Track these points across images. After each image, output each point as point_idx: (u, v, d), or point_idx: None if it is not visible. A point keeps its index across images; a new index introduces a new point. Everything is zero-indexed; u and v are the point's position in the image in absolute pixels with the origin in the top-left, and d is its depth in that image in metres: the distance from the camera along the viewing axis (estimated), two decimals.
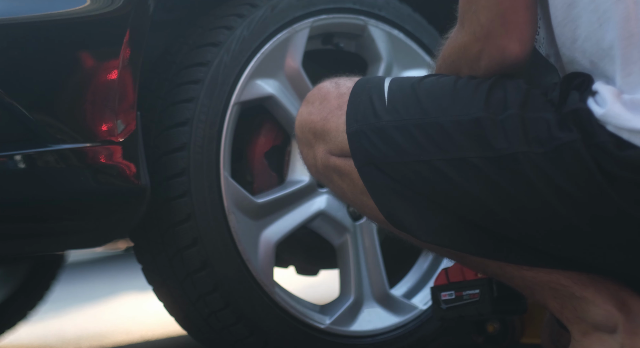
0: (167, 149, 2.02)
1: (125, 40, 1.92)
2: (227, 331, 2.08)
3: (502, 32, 1.57)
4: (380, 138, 1.61)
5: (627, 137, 1.45)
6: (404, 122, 1.60)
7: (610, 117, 1.46)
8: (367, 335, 2.21)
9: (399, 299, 2.28)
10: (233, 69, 2.07)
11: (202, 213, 2.01)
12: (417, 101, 1.61)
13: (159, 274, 2.08)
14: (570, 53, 1.56)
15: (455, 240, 1.62)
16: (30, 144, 1.85)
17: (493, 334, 2.52)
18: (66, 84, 1.88)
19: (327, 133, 1.69)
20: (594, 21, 1.51)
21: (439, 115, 1.58)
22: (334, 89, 1.72)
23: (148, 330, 3.75)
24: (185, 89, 2.04)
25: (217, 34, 2.08)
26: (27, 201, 1.88)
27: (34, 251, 2.20)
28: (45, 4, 1.90)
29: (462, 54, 1.63)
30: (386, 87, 1.66)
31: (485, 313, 1.78)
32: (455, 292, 1.80)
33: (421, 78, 1.67)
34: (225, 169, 2.05)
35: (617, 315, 1.56)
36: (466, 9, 1.60)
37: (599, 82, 1.52)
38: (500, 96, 1.56)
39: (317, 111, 1.71)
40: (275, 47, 2.13)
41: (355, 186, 1.66)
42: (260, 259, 2.08)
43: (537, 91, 1.56)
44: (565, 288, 1.59)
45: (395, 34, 2.29)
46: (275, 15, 2.13)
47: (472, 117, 1.56)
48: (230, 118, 2.07)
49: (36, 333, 4.01)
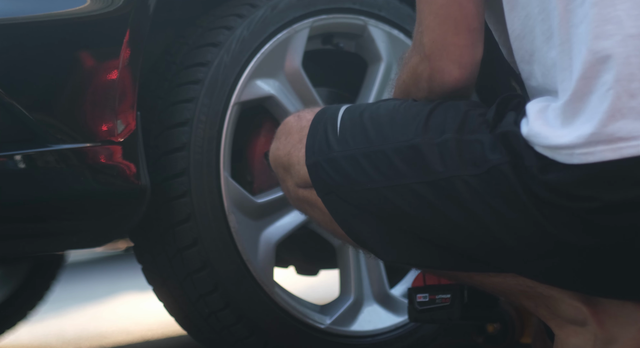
0: (167, 149, 2.02)
1: (125, 40, 1.92)
2: (227, 331, 2.08)
3: (442, 54, 1.58)
4: (332, 168, 1.66)
5: (550, 155, 1.46)
6: (352, 152, 1.64)
7: (532, 137, 1.48)
8: (367, 335, 2.21)
9: (399, 299, 2.28)
10: (233, 69, 2.07)
11: (202, 213, 2.01)
12: (363, 129, 1.65)
13: (159, 274, 2.08)
14: (529, 67, 1.56)
15: (417, 257, 1.65)
16: (30, 144, 1.85)
17: (493, 334, 2.52)
18: (66, 84, 1.88)
19: (292, 167, 1.73)
20: (545, 30, 1.51)
21: (381, 143, 1.62)
22: (296, 124, 1.76)
23: (148, 330, 3.75)
24: (185, 89, 2.04)
25: (217, 34, 2.08)
26: (27, 201, 1.88)
27: (34, 251, 2.20)
28: (45, 4, 1.90)
29: (411, 74, 1.65)
30: (339, 117, 1.70)
31: (454, 318, 1.81)
32: (430, 295, 1.83)
33: (370, 105, 1.70)
34: (225, 169, 2.05)
35: (584, 308, 1.59)
36: (416, 29, 1.63)
37: (532, 102, 1.52)
38: (439, 120, 1.58)
39: (282, 146, 1.76)
40: (275, 47, 2.13)
41: (324, 215, 1.71)
42: (260, 259, 2.08)
43: (476, 111, 1.57)
44: (532, 289, 1.62)
45: (395, 34, 2.29)
46: (275, 16, 2.13)
47: (410, 144, 1.58)
48: (230, 118, 2.07)
49: (36, 333, 4.01)
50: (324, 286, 3.66)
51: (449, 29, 1.57)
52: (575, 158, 1.43)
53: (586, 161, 1.42)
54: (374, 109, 1.67)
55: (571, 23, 1.46)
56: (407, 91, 1.68)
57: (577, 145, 1.43)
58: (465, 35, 1.57)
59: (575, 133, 1.43)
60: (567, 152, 1.44)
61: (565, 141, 1.44)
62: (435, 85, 1.61)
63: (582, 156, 1.43)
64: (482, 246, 1.57)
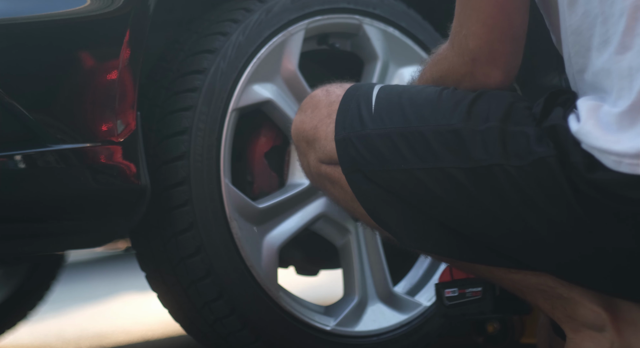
0: (167, 159, 2.02)
1: (125, 40, 1.92)
2: (233, 337, 2.08)
3: (489, 60, 1.60)
4: (365, 146, 1.64)
5: (597, 156, 1.46)
6: (387, 131, 1.62)
7: (582, 135, 1.48)
8: (372, 334, 2.20)
9: (403, 296, 2.28)
10: (230, 75, 2.06)
11: (204, 221, 2.01)
12: (401, 109, 1.63)
13: (164, 282, 2.08)
14: (583, 61, 1.56)
15: (439, 245, 1.64)
16: (30, 144, 1.85)
17: (493, 334, 2.52)
18: (66, 84, 1.88)
19: (317, 141, 1.71)
20: (602, 33, 1.51)
21: (420, 124, 1.60)
22: (324, 98, 1.74)
23: (148, 330, 3.75)
24: (183, 97, 2.04)
25: (212, 41, 2.08)
26: (27, 201, 1.88)
27: (34, 251, 2.20)
28: (45, 4, 1.90)
29: (449, 72, 1.66)
30: (374, 95, 1.68)
31: (486, 311, 1.78)
32: (459, 289, 1.80)
33: (408, 87, 1.69)
34: (226, 176, 2.05)
35: (604, 314, 1.58)
36: (457, 31, 1.63)
37: (583, 98, 1.52)
38: (483, 108, 1.58)
39: (308, 119, 1.74)
40: (272, 51, 2.12)
41: (345, 193, 1.69)
42: (264, 264, 2.08)
43: (522, 104, 1.58)
44: (552, 290, 1.61)
45: (391, 32, 2.28)
46: (270, 19, 2.12)
47: (451, 128, 1.57)
48: (229, 125, 2.06)
49: (36, 333, 4.01)
50: (327, 286, 3.66)
51: (495, 37, 1.59)
52: (624, 167, 1.44)
53: (634, 172, 1.43)
54: (413, 91, 1.66)
55: (635, 32, 1.46)
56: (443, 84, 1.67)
57: (628, 155, 1.43)
58: (510, 44, 1.60)
59: (629, 143, 1.43)
60: (616, 159, 1.44)
61: (616, 148, 1.44)
62: (478, 85, 1.62)
63: (630, 166, 1.43)
64: (513, 238, 1.56)
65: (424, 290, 2.32)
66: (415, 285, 2.34)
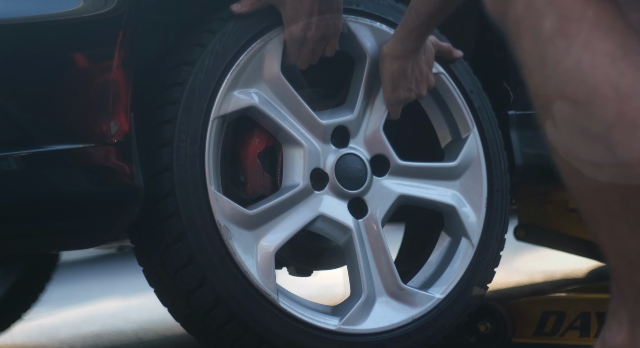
0: (151, 172, 2.03)
1: (119, 41, 1.93)
2: (237, 343, 2.08)
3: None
4: None
5: None
6: None
7: None
8: (383, 331, 2.18)
9: (415, 290, 2.25)
10: (209, 84, 2.06)
11: (193, 231, 2.02)
12: None
13: (168, 294, 2.10)
14: None
15: None
16: (25, 145, 1.86)
17: (485, 333, 2.53)
18: (60, 85, 1.88)
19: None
20: None
21: None
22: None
23: (142, 330, 3.75)
24: (164, 110, 2.05)
25: (190, 52, 2.08)
26: (21, 201, 1.88)
27: (28, 251, 2.21)
28: (38, 5, 1.90)
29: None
30: None
31: None
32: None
33: None
34: (212, 184, 2.05)
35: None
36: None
37: None
38: None
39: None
40: (250, 57, 2.11)
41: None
42: (259, 269, 2.07)
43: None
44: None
45: (378, 27, 2.26)
46: (246, 26, 2.12)
47: None
48: (211, 133, 2.06)
49: (30, 334, 4.01)
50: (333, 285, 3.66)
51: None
52: None
53: None
54: None
55: None
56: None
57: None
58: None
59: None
60: None
61: None
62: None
63: None
64: None
65: (437, 282, 2.29)
66: (429, 278, 2.31)
